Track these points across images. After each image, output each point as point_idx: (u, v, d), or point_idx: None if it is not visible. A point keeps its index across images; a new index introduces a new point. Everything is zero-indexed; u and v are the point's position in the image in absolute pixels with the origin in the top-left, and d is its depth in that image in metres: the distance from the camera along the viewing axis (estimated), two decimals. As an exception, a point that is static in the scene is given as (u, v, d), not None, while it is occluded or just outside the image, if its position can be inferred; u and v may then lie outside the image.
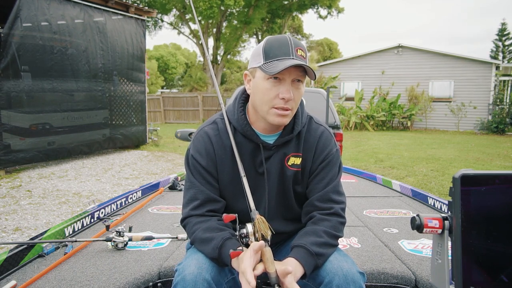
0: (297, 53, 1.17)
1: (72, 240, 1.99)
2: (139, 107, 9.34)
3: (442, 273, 0.92)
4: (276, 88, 1.18)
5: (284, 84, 1.18)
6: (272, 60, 1.17)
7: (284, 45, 1.18)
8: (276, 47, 1.18)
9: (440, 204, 2.75)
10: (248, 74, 1.29)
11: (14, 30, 6.09)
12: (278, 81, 1.18)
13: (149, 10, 10.26)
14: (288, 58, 1.16)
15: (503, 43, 26.86)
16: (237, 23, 22.19)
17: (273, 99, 1.19)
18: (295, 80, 1.19)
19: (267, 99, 1.20)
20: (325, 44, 37.29)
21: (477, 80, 15.31)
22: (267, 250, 1.09)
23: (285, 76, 1.17)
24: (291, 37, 1.21)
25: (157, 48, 40.69)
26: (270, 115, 1.21)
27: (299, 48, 1.19)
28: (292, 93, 1.18)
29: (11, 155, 6.20)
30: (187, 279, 1.09)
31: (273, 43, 1.20)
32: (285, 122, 1.23)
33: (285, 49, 1.17)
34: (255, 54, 1.24)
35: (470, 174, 0.85)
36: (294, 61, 1.14)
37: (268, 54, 1.18)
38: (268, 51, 1.19)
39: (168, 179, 3.58)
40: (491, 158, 8.31)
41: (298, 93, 1.21)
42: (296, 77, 1.18)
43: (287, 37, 1.20)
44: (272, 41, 1.21)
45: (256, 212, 1.17)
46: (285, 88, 1.17)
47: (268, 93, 1.19)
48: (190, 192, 1.30)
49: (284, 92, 1.17)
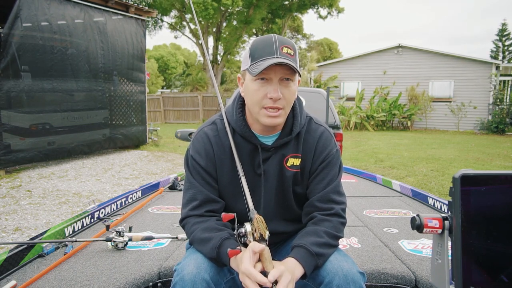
0: (282, 51, 1.17)
1: (72, 240, 1.99)
2: (139, 107, 9.34)
3: (442, 273, 0.92)
4: (264, 88, 1.18)
5: (271, 84, 1.18)
6: (257, 61, 1.17)
7: (268, 45, 1.18)
8: (261, 48, 1.18)
9: (440, 204, 2.75)
10: (241, 77, 1.30)
11: (14, 30, 6.09)
12: (266, 81, 1.18)
13: (149, 10, 10.27)
14: (272, 57, 1.16)
15: (503, 43, 26.85)
16: (237, 23, 22.19)
17: (261, 99, 1.19)
18: (283, 79, 1.18)
19: (256, 100, 1.20)
20: (325, 44, 37.29)
21: (477, 80, 15.31)
22: (265, 250, 1.09)
23: (271, 75, 1.17)
24: (277, 36, 1.21)
25: (157, 48, 40.70)
26: (261, 116, 1.21)
27: (284, 46, 1.18)
28: (280, 92, 1.17)
29: (11, 155, 6.20)
30: (185, 279, 1.09)
31: (258, 44, 1.20)
32: (277, 122, 1.22)
33: (269, 49, 1.17)
34: (244, 57, 1.25)
35: (470, 174, 0.85)
36: (275, 60, 1.13)
37: (254, 55, 1.19)
38: (253, 52, 1.19)
39: (168, 179, 3.58)
40: (491, 158, 8.31)
41: (288, 91, 1.20)
42: (283, 76, 1.18)
43: (272, 37, 1.20)
44: (258, 42, 1.22)
45: (254, 211, 1.17)
46: (272, 87, 1.17)
47: (256, 94, 1.19)
48: (189, 193, 1.30)
49: (272, 92, 1.17)
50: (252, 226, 1.14)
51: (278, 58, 1.15)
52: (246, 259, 1.06)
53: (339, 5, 24.57)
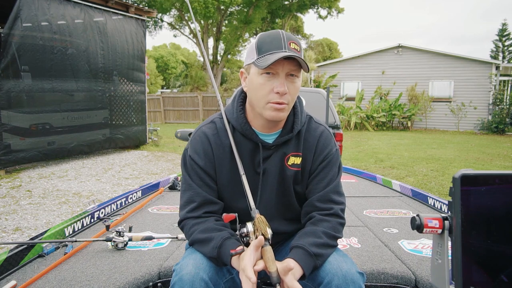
0: (290, 46, 1.16)
1: (72, 240, 1.99)
2: (139, 107, 9.34)
3: (442, 273, 0.92)
4: (271, 82, 1.17)
5: (278, 78, 1.17)
6: (265, 55, 1.16)
7: (276, 39, 1.17)
8: (269, 41, 1.18)
9: (440, 204, 2.75)
10: (244, 71, 1.28)
11: (14, 30, 6.09)
12: (272, 75, 1.17)
13: (149, 10, 10.26)
14: (280, 51, 1.15)
15: (503, 44, 26.83)
16: (237, 23, 22.21)
17: (268, 93, 1.18)
18: (289, 74, 1.18)
19: (262, 94, 1.19)
20: (325, 44, 37.30)
21: (477, 80, 15.31)
22: (267, 249, 1.09)
23: (278, 70, 1.16)
24: (284, 32, 1.20)
25: (156, 49, 40.69)
26: (266, 110, 1.20)
27: (292, 42, 1.17)
28: (286, 87, 1.17)
29: (11, 155, 6.20)
30: (184, 279, 1.09)
31: (266, 38, 1.19)
32: (282, 116, 1.21)
33: (277, 43, 1.16)
34: (249, 51, 1.24)
35: (470, 174, 0.84)
36: (284, 53, 1.13)
37: (261, 49, 1.18)
38: (260, 46, 1.18)
39: (168, 179, 3.58)
40: (491, 158, 8.31)
41: (293, 87, 1.20)
42: (289, 71, 1.17)
43: (279, 32, 1.20)
44: (265, 36, 1.21)
45: (256, 211, 1.17)
46: (279, 82, 1.17)
47: (262, 88, 1.18)
48: (187, 194, 1.29)
49: (278, 86, 1.16)
50: (254, 226, 1.13)
51: (287, 52, 1.14)
52: (246, 256, 1.06)
53: (338, 6, 24.61)
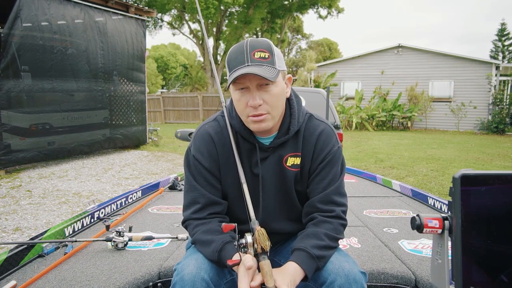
0: (254, 56, 1.14)
1: (72, 240, 1.99)
2: (139, 107, 9.34)
3: (442, 273, 0.92)
4: (245, 97, 1.18)
5: (249, 92, 1.17)
6: (232, 72, 1.16)
7: (240, 53, 1.16)
8: (234, 58, 1.17)
9: (440, 204, 2.75)
10: None
11: (14, 30, 6.09)
12: (245, 90, 1.17)
13: (149, 10, 10.27)
14: (243, 66, 1.13)
15: (502, 43, 26.81)
16: (237, 23, 22.22)
17: (244, 108, 1.19)
18: (263, 84, 1.16)
19: (240, 109, 1.21)
20: (325, 44, 37.28)
21: (477, 80, 15.31)
22: (266, 263, 1.08)
23: (247, 83, 1.15)
24: (249, 41, 1.18)
25: (155, 49, 40.67)
26: (249, 124, 1.21)
27: (257, 51, 1.15)
28: (258, 99, 1.16)
29: (11, 155, 6.20)
30: (185, 278, 1.09)
31: (232, 54, 1.19)
32: (265, 127, 1.20)
33: (241, 58, 1.15)
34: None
35: (470, 174, 0.84)
36: (244, 70, 1.12)
37: (229, 65, 1.18)
38: (229, 62, 1.18)
39: (168, 179, 3.58)
40: (491, 158, 8.31)
41: (269, 95, 1.17)
42: (259, 82, 1.15)
43: (243, 44, 1.18)
44: (232, 51, 1.20)
45: (256, 222, 1.15)
46: (251, 95, 1.16)
47: (239, 103, 1.19)
48: (191, 195, 1.28)
49: (250, 100, 1.16)
50: (253, 237, 1.12)
51: (248, 67, 1.12)
52: (242, 278, 1.06)
53: (338, 5, 24.61)
